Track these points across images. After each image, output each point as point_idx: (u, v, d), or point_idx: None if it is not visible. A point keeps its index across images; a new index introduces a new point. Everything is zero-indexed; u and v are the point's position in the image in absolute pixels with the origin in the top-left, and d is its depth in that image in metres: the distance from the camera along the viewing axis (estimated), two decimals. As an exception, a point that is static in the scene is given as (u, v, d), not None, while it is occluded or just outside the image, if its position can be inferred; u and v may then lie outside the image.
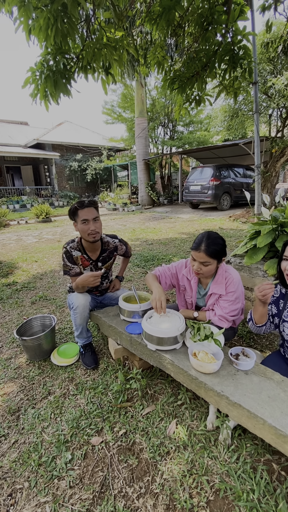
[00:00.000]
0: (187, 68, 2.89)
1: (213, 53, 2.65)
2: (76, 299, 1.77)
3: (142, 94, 11.65)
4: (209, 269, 1.46)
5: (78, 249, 1.85)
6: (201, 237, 1.47)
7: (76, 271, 1.84)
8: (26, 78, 2.18)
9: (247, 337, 2.11)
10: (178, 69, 3.25)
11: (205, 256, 1.41)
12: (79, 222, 1.73)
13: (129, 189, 14.75)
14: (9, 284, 3.58)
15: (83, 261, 1.88)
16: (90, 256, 1.90)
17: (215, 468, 1.18)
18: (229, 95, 3.04)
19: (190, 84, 2.93)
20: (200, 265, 1.45)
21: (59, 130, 17.42)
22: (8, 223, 9.38)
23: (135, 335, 1.55)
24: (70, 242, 1.85)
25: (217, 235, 1.49)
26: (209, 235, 1.46)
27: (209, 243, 1.42)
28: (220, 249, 1.45)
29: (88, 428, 1.41)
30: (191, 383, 1.21)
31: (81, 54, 2.31)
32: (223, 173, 9.41)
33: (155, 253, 4.63)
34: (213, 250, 1.41)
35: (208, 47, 2.69)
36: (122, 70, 6.35)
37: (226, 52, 2.54)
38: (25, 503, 1.09)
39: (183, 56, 4.27)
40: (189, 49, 3.62)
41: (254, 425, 0.98)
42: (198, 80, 2.90)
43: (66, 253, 1.82)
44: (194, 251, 1.45)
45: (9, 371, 1.88)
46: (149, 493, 1.11)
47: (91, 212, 1.73)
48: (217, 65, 2.66)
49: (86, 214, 1.71)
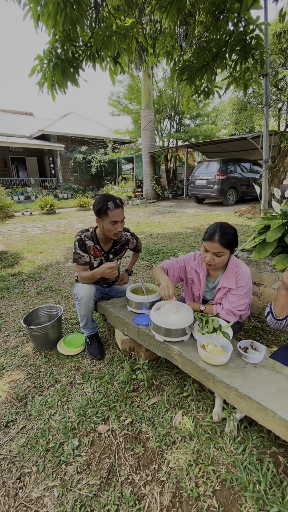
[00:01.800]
0: (197, 58, 2.82)
1: (224, 42, 2.57)
2: (81, 290, 1.78)
3: (149, 85, 11.46)
4: (222, 260, 1.45)
5: (92, 239, 1.86)
6: (213, 227, 1.45)
7: (86, 260, 1.85)
8: (34, 66, 2.14)
9: (253, 332, 2.11)
10: (188, 59, 3.18)
11: (219, 246, 1.40)
12: (107, 221, 1.69)
13: (134, 183, 14.65)
14: (14, 274, 3.60)
15: (95, 252, 1.88)
16: (103, 247, 1.90)
17: (221, 459, 1.19)
18: (239, 87, 2.97)
19: (200, 75, 2.86)
20: (213, 256, 1.43)
21: (64, 121, 17.25)
22: (13, 214, 9.39)
23: (142, 326, 1.55)
24: (84, 231, 1.85)
25: (229, 225, 1.48)
26: (221, 225, 1.45)
27: (222, 233, 1.41)
28: (233, 239, 1.44)
29: (94, 416, 1.42)
30: (199, 375, 1.21)
31: (89, 42, 2.26)
32: (230, 167, 9.28)
33: (160, 247, 4.61)
34: (227, 240, 1.40)
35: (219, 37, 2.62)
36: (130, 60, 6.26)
37: (237, 42, 2.46)
38: (33, 486, 1.11)
39: (193, 46, 4.17)
40: (199, 39, 3.53)
41: (263, 418, 0.98)
42: (207, 71, 2.83)
43: (80, 240, 1.82)
44: (207, 242, 1.43)
45: (16, 359, 1.90)
46: (155, 480, 1.12)
47: (121, 213, 1.72)
48: (228, 56, 2.59)
49: (117, 215, 1.69)
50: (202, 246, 1.49)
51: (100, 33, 2.17)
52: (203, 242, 1.47)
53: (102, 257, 1.92)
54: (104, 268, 1.67)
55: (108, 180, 17.17)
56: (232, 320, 1.51)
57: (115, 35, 2.25)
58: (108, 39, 2.22)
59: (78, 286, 1.84)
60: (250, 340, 1.31)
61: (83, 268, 1.85)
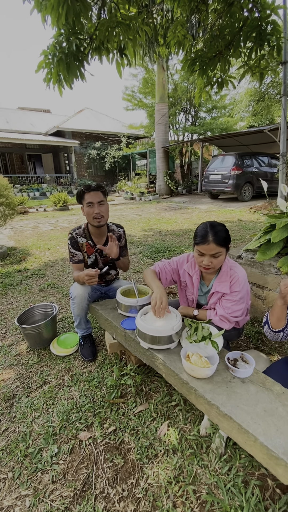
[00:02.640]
0: (209, 47, 2.67)
1: (238, 29, 2.41)
2: (75, 289, 1.74)
3: (164, 78, 11.19)
4: (220, 260, 1.36)
5: (84, 235, 1.83)
6: (203, 228, 1.34)
7: (79, 258, 1.81)
8: (40, 62, 2.10)
9: (255, 338, 1.98)
10: (200, 49, 3.02)
11: (216, 246, 1.29)
12: (85, 205, 1.72)
13: (147, 178, 14.49)
14: (20, 270, 3.65)
15: (88, 248, 1.84)
16: (96, 242, 1.85)
17: (203, 478, 1.11)
18: (254, 76, 2.79)
19: (212, 65, 2.71)
20: (210, 259, 1.33)
21: (79, 117, 17.34)
22: (27, 210, 9.60)
23: (129, 330, 1.48)
24: (76, 229, 1.83)
25: (218, 222, 1.38)
26: (211, 224, 1.35)
27: (215, 231, 1.31)
28: (227, 235, 1.35)
29: (78, 422, 1.38)
30: (181, 387, 1.12)
31: (94, 34, 2.18)
32: (246, 161, 8.92)
33: (167, 244, 4.51)
34: (221, 238, 1.31)
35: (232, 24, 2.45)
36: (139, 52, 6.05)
37: (252, 28, 2.29)
38: (6, 494, 1.08)
39: (205, 34, 3.97)
40: (212, 27, 3.35)
41: (244, 441, 0.88)
42: (221, 60, 2.67)
43: (72, 239, 1.80)
44: (200, 245, 1.32)
45: (9, 358, 1.90)
46: (131, 497, 1.06)
47: (97, 195, 1.71)
48: (242, 43, 2.43)
49: (91, 197, 1.70)
50: (196, 250, 1.38)
51: (104, 24, 2.09)
52: (196, 246, 1.36)
53: (95, 253, 1.87)
54: (84, 274, 1.62)
55: (122, 176, 17.12)
56: (226, 327, 1.40)
57: (119, 25, 2.15)
58: (111, 30, 2.13)
59: (73, 285, 1.80)
60: (241, 352, 1.20)
61: (77, 267, 1.82)
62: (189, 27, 5.50)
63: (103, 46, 2.21)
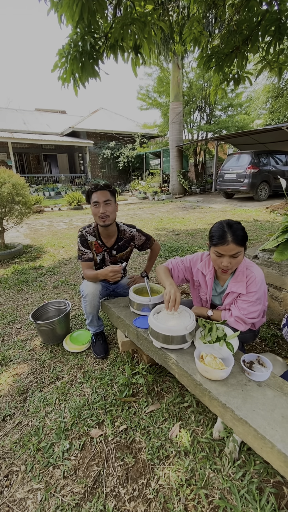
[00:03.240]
0: (226, 43, 2.61)
1: (256, 24, 2.35)
2: (86, 288, 1.74)
3: (179, 76, 11.10)
4: (239, 260, 1.31)
5: (94, 234, 1.82)
6: (220, 228, 1.30)
7: (89, 256, 1.81)
8: (55, 62, 2.13)
9: (271, 341, 1.92)
10: (216, 45, 2.96)
11: (235, 246, 1.25)
12: (92, 204, 1.72)
13: (161, 177, 14.44)
14: (35, 267, 3.73)
15: (97, 247, 1.84)
16: (105, 242, 1.85)
17: (216, 482, 1.08)
18: (273, 72, 2.71)
19: (229, 61, 2.65)
20: (229, 259, 1.29)
21: (94, 117, 17.53)
22: (43, 209, 9.80)
23: (142, 329, 1.46)
24: (86, 227, 1.83)
25: (234, 221, 1.33)
26: (228, 223, 1.30)
27: (233, 231, 1.26)
28: (245, 234, 1.30)
29: (89, 419, 1.39)
30: (195, 388, 1.10)
31: (109, 32, 2.18)
32: (263, 160, 8.68)
33: (180, 244, 4.46)
34: (240, 237, 1.26)
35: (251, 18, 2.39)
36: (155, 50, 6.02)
37: (271, 22, 2.22)
38: (19, 486, 1.10)
39: (222, 30, 3.90)
40: (229, 22, 3.28)
41: (261, 447, 0.85)
42: (238, 56, 2.61)
43: (81, 236, 1.80)
44: (219, 246, 1.27)
45: (24, 352, 1.94)
46: (141, 497, 1.05)
47: (103, 194, 1.70)
48: (261, 38, 2.36)
49: (98, 196, 1.70)
50: (213, 252, 1.33)
51: (119, 21, 2.09)
52: (213, 247, 1.31)
53: (104, 252, 1.86)
54: (108, 270, 1.63)
55: (135, 176, 17.15)
56: (242, 328, 1.36)
57: (134, 23, 2.14)
58: (126, 27, 2.12)
59: (84, 283, 1.81)
60: (257, 354, 1.16)
61: (87, 265, 1.82)
62: (205, 23, 5.41)
63: (118, 44, 2.20)
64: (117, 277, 1.63)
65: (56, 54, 2.10)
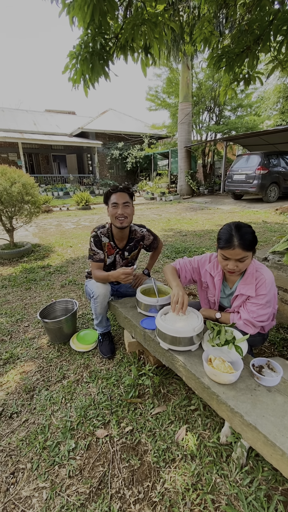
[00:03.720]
0: (237, 43, 2.58)
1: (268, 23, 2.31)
2: (97, 289, 1.74)
3: (188, 77, 11.06)
4: (246, 264, 1.29)
5: (108, 235, 1.82)
6: (227, 231, 1.27)
7: (101, 257, 1.81)
8: (66, 63, 2.15)
9: (280, 345, 1.88)
10: (227, 45, 2.94)
11: (242, 251, 1.22)
12: (110, 205, 1.73)
13: (169, 178, 14.40)
14: (43, 266, 3.76)
15: (109, 249, 1.83)
16: (117, 244, 1.85)
17: (223, 488, 1.06)
18: (284, 71, 2.67)
19: (240, 60, 2.63)
20: (236, 263, 1.26)
21: (103, 118, 17.63)
22: (51, 209, 9.91)
23: (149, 330, 1.46)
24: (101, 227, 1.83)
25: (243, 223, 1.30)
26: (237, 226, 1.27)
27: (241, 235, 1.23)
28: (254, 238, 1.27)
29: (95, 419, 1.38)
30: (202, 392, 1.08)
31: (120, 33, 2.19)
32: (272, 161, 8.57)
33: (187, 245, 4.44)
34: (248, 242, 1.23)
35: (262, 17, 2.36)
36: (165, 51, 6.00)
37: (283, 21, 2.19)
38: (24, 484, 1.10)
39: (233, 30, 3.87)
40: (240, 21, 3.25)
41: (271, 454, 0.83)
42: (249, 56, 2.58)
43: (95, 237, 1.80)
44: (225, 250, 1.25)
45: (31, 350, 1.96)
46: (147, 500, 1.04)
47: (122, 196, 1.71)
48: (272, 37, 2.33)
49: (117, 198, 1.70)
50: (219, 254, 1.32)
51: (130, 22, 2.09)
52: (220, 250, 1.29)
53: (116, 254, 1.86)
54: (120, 272, 1.62)
55: (143, 176, 17.16)
56: (251, 331, 1.34)
57: (145, 23, 2.15)
58: (137, 28, 2.13)
59: (93, 284, 1.80)
60: (267, 359, 1.14)
61: (97, 266, 1.81)
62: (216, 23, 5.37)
63: (129, 45, 2.21)
64: (129, 279, 1.62)
65: (67, 55, 2.12)
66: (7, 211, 4.06)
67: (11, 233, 4.33)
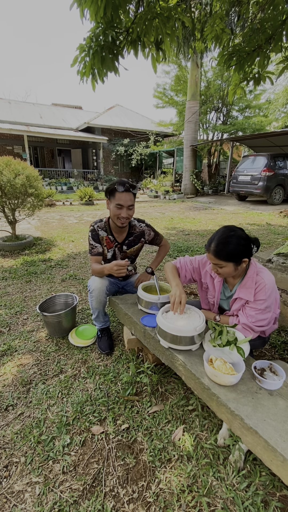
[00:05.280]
0: (248, 41, 2.54)
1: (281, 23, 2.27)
2: (93, 283, 1.72)
3: (197, 75, 10.96)
4: (227, 272, 1.23)
5: (105, 229, 1.80)
6: (215, 233, 1.26)
7: (99, 250, 1.79)
8: (75, 56, 2.11)
9: (281, 348, 1.85)
10: (238, 43, 2.90)
11: (214, 257, 1.20)
12: (113, 203, 1.65)
13: (173, 177, 14.33)
14: (45, 260, 3.74)
15: (108, 242, 1.81)
16: (116, 237, 1.82)
17: (219, 491, 1.04)
18: (295, 72, 2.62)
19: (250, 60, 2.58)
20: (215, 267, 1.26)
21: (109, 114, 17.52)
22: (54, 203, 9.87)
23: (149, 327, 1.43)
24: (98, 222, 1.81)
25: (232, 231, 1.23)
26: (222, 232, 1.23)
27: (219, 242, 1.19)
28: (233, 249, 1.19)
29: (91, 415, 1.37)
30: (202, 392, 1.06)
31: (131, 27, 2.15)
32: (279, 163, 8.50)
33: (190, 244, 4.40)
34: (221, 251, 1.18)
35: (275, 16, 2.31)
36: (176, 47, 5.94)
37: None
38: (17, 478, 1.09)
39: (244, 28, 3.81)
40: (252, 20, 3.20)
41: (271, 460, 0.81)
42: (260, 55, 2.54)
43: (93, 231, 1.78)
44: (206, 252, 1.27)
45: (29, 343, 1.94)
46: (141, 500, 1.02)
47: (129, 197, 1.63)
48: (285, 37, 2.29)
49: (123, 199, 1.61)
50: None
51: (142, 16, 2.05)
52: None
53: (115, 248, 1.84)
54: (113, 264, 1.57)
55: (148, 174, 17.07)
56: (250, 336, 1.30)
57: (157, 17, 2.10)
58: (150, 22, 2.08)
59: (91, 278, 1.79)
60: (269, 361, 1.11)
61: (95, 260, 1.80)
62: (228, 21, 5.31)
63: (140, 39, 2.17)
64: (121, 272, 1.56)
65: (76, 48, 2.08)
66: (10, 203, 4.04)
67: (13, 225, 4.31)
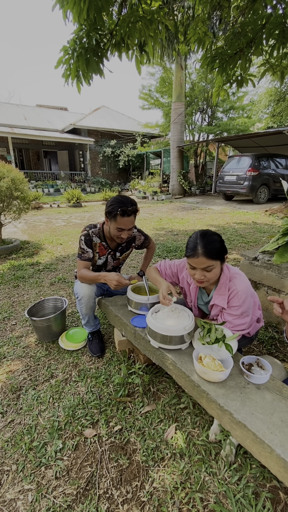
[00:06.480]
0: (230, 45, 2.60)
1: (261, 27, 2.34)
2: (81, 289, 1.70)
3: (181, 77, 11.09)
4: (215, 273, 1.24)
5: (99, 235, 1.77)
6: (194, 239, 1.24)
7: (89, 256, 1.75)
8: (59, 58, 2.09)
9: (268, 343, 1.91)
10: (220, 46, 2.96)
11: (206, 259, 1.18)
12: (113, 225, 1.61)
13: (161, 177, 14.42)
14: (32, 264, 3.68)
15: (101, 249, 1.79)
16: (109, 244, 1.81)
17: (211, 486, 1.06)
18: (275, 75, 2.71)
19: (233, 62, 2.65)
20: (202, 272, 1.22)
21: (95, 115, 17.45)
22: (41, 205, 9.73)
23: (139, 328, 1.44)
24: (92, 227, 1.76)
25: (212, 232, 1.27)
26: (202, 234, 1.24)
27: (205, 243, 1.20)
28: (220, 247, 1.22)
29: (83, 418, 1.36)
30: (192, 390, 1.08)
31: (115, 30, 2.16)
32: (263, 163, 8.71)
33: (179, 244, 4.45)
34: (212, 250, 1.19)
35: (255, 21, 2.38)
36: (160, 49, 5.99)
37: (275, 25, 2.21)
38: (9, 486, 1.07)
39: (226, 31, 3.90)
40: (234, 24, 3.27)
41: (259, 452, 0.83)
42: (241, 58, 2.61)
43: (87, 235, 1.73)
44: (191, 258, 1.22)
45: (18, 349, 1.91)
46: (135, 500, 1.03)
47: (130, 222, 1.61)
48: (265, 41, 2.36)
49: (124, 223, 1.59)
50: (187, 263, 1.28)
51: (125, 18, 2.06)
52: (187, 259, 1.27)
53: (108, 255, 1.83)
54: (115, 279, 1.52)
55: (135, 175, 17.10)
56: (236, 334, 1.33)
57: (140, 20, 2.12)
58: (133, 25, 2.10)
59: (78, 284, 1.74)
60: (256, 357, 1.14)
61: (84, 265, 1.74)
62: (210, 24, 5.40)
63: (123, 42, 2.18)
64: (118, 288, 1.54)
65: (60, 50, 2.07)
66: (-5, 206, 3.95)
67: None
